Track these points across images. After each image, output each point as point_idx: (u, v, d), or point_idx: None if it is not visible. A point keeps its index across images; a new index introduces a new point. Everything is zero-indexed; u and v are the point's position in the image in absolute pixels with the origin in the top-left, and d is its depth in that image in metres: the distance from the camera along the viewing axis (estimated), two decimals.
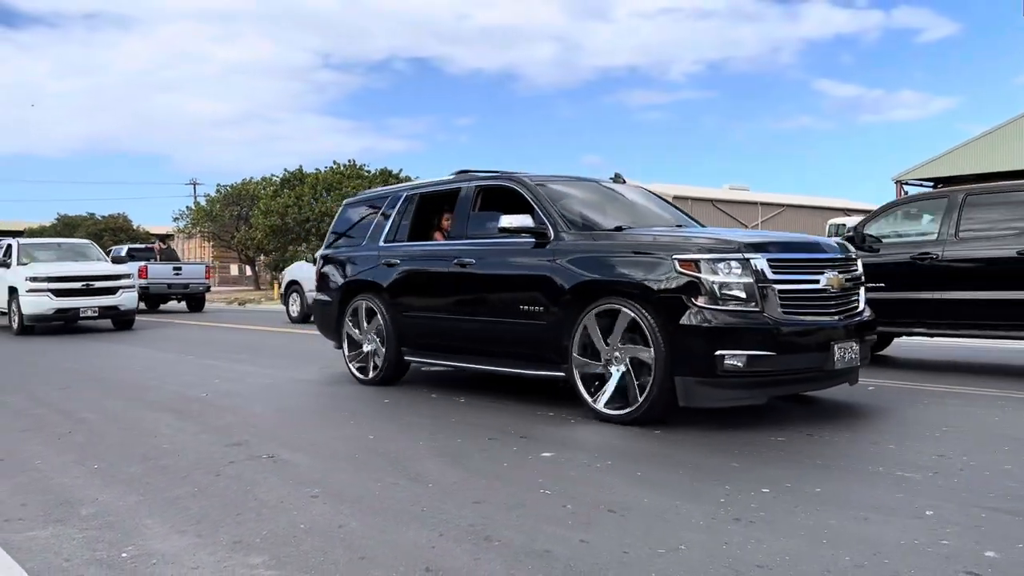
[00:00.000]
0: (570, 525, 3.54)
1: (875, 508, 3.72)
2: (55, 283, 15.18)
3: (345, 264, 8.07)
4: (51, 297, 15.08)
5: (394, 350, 7.38)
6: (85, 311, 15.32)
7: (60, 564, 3.19)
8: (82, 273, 15.63)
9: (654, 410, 5.42)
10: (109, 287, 15.71)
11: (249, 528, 3.57)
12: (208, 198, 43.11)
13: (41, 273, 15.24)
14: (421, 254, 7.30)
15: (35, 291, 15.07)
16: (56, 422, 6.14)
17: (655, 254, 5.46)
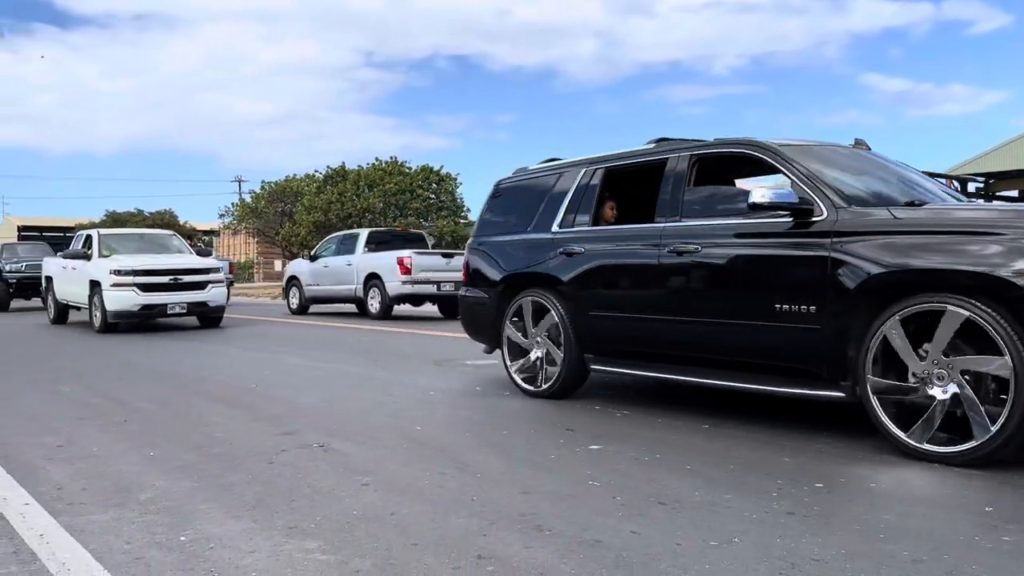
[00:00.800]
0: (620, 516, 3.53)
1: (933, 503, 3.65)
2: (141, 277, 13.85)
3: (505, 254, 6.87)
4: (137, 292, 13.75)
5: (575, 356, 6.18)
6: (173, 307, 14.00)
7: (121, 546, 3.27)
8: (170, 266, 14.26)
9: (1008, 446, 4.07)
10: (198, 281, 14.29)
11: (303, 514, 3.62)
12: (253, 195, 43.73)
13: (126, 266, 13.89)
14: (616, 240, 6.02)
15: (120, 285, 13.73)
16: (111, 411, 6.29)
17: (1006, 233, 4.08)
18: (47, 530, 3.49)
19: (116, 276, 13.78)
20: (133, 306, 13.83)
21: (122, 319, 14.10)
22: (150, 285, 13.93)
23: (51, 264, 17.55)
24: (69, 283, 15.73)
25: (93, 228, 16.57)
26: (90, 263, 14.75)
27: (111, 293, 13.77)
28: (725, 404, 6.12)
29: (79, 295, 15.10)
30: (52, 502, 3.89)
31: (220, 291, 14.66)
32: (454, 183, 38.45)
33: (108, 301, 13.80)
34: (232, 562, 3.08)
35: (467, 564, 3.02)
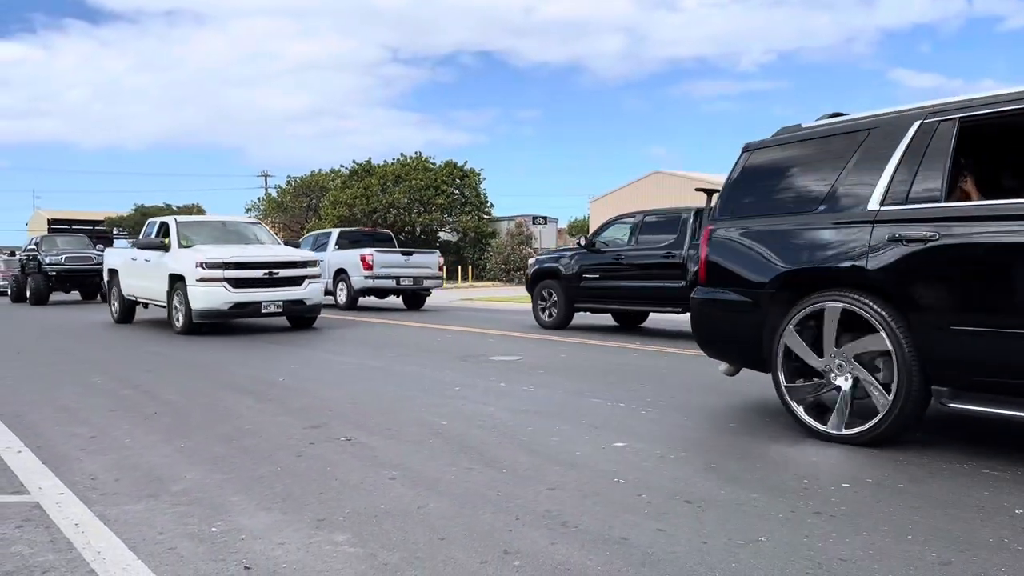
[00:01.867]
0: (646, 514, 3.54)
1: (961, 504, 3.63)
2: (232, 271, 11.94)
3: (781, 243, 5.17)
4: (228, 288, 11.83)
5: (918, 387, 4.47)
6: (267, 306, 12.07)
7: (154, 537, 3.33)
8: (263, 258, 12.37)
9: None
10: (294, 276, 12.45)
11: (331, 507, 3.67)
12: (279, 189, 44.08)
13: (215, 257, 11.96)
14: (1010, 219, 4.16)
15: (208, 280, 11.80)
16: (142, 403, 6.39)
17: None
18: (82, 520, 3.56)
19: (203, 269, 11.82)
20: (223, 304, 11.84)
21: (209, 319, 12.05)
22: (242, 280, 12.02)
23: (116, 255, 15.65)
24: (141, 277, 13.84)
25: (167, 216, 14.20)
26: (169, 255, 12.83)
27: (197, 289, 11.83)
28: (748, 407, 6.10)
29: (154, 291, 13.22)
30: (86, 492, 3.97)
31: (317, 288, 12.80)
32: (478, 179, 38.51)
33: (194, 298, 11.86)
34: (263, 553, 3.13)
35: (494, 559, 3.05)
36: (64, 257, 22.20)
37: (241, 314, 12.26)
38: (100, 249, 23.26)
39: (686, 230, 11.08)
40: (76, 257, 22.42)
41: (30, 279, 22.40)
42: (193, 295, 11.87)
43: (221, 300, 11.85)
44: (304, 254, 13.07)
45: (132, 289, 14.35)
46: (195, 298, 11.87)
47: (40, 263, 22.12)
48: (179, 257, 12.47)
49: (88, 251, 23.33)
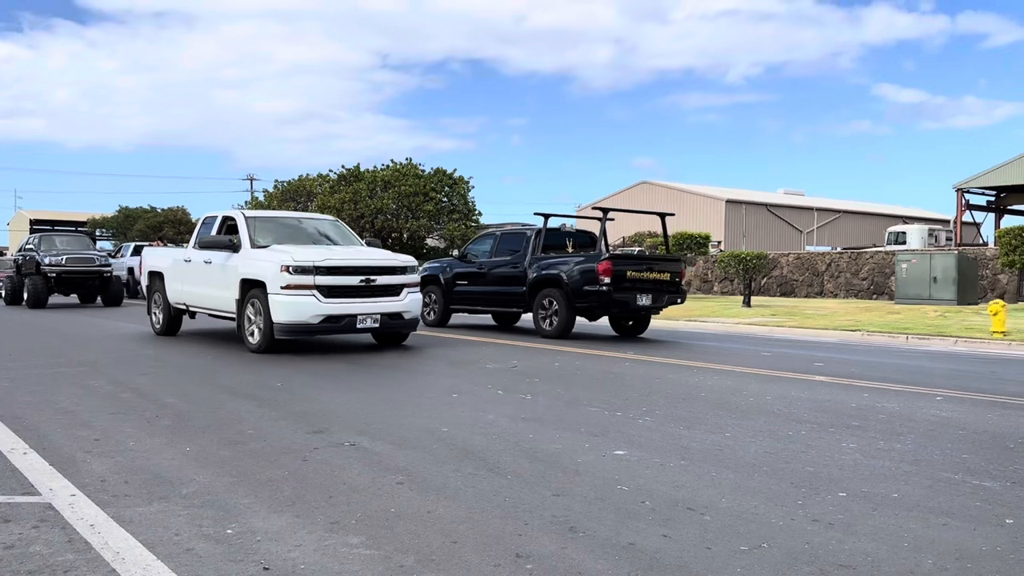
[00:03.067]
0: (651, 520, 3.64)
1: (955, 515, 3.75)
2: (325, 276, 9.91)
3: None
4: (319, 298, 9.80)
5: None
6: (363, 320, 10.09)
7: (171, 538, 3.40)
8: (362, 263, 10.41)
9: None
10: (393, 284, 10.49)
11: (343, 510, 3.74)
12: (266, 193, 43.96)
13: (305, 261, 9.88)
14: None
15: (296, 288, 9.73)
16: (143, 406, 6.42)
17: None
18: (97, 521, 3.61)
19: (290, 275, 9.75)
20: (312, 317, 9.80)
21: (294, 335, 10.01)
22: (335, 288, 9.99)
23: (159, 256, 13.48)
24: (197, 282, 11.66)
25: (233, 211, 11.93)
26: (239, 256, 10.69)
27: (282, 299, 9.75)
28: (746, 415, 6.22)
29: (217, 299, 11.14)
30: (97, 493, 4.02)
31: (417, 298, 10.88)
32: (467, 186, 38.59)
33: (277, 310, 9.78)
34: (280, 555, 3.20)
35: (506, 562, 3.13)
36: (65, 258, 20.95)
37: (332, 329, 10.13)
38: (101, 250, 22.48)
39: (528, 246, 13.27)
40: (77, 258, 21.17)
41: (28, 281, 20.90)
42: (276, 306, 9.78)
43: (310, 312, 9.78)
44: (404, 259, 11.00)
45: (183, 296, 12.12)
46: (278, 309, 9.77)
47: (39, 263, 20.84)
48: (255, 259, 10.35)
49: (90, 252, 22.19)
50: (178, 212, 57.53)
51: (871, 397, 7.01)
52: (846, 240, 47.92)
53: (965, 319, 16.23)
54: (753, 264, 22.36)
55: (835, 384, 7.80)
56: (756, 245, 41.30)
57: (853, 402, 6.74)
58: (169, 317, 12.58)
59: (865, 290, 24.73)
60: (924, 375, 8.62)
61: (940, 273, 20.59)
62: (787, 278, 26.82)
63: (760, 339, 13.44)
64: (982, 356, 10.94)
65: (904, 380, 8.07)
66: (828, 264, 26.02)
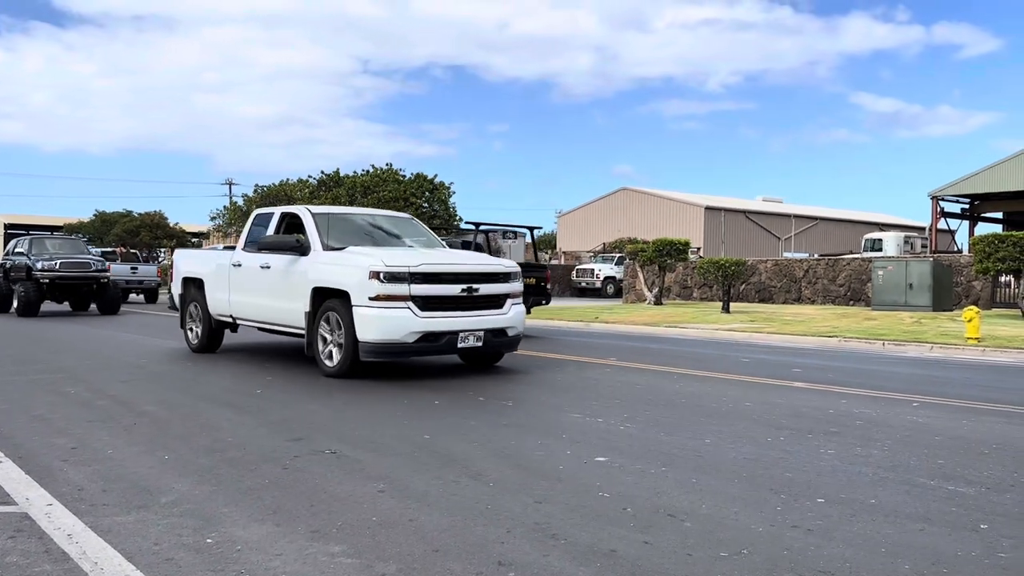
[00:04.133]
0: (632, 527, 3.66)
1: (931, 520, 3.80)
2: (421, 284, 8.26)
3: None
4: (415, 311, 8.15)
5: None
6: (465, 337, 8.44)
7: (150, 548, 3.37)
8: (464, 268, 8.73)
9: None
10: (497, 294, 8.79)
11: (324, 519, 3.73)
12: (245, 198, 43.70)
13: (399, 266, 8.22)
14: None
15: (387, 300, 8.10)
16: (120, 413, 6.36)
17: None
18: (74, 530, 3.58)
19: (381, 283, 8.12)
20: (407, 335, 8.13)
21: (384, 356, 8.32)
22: (434, 299, 8.33)
23: (198, 260, 11.62)
24: (252, 291, 9.91)
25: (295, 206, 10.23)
26: (308, 260, 9.04)
27: (370, 312, 8.11)
28: (725, 421, 6.26)
29: (280, 312, 9.40)
30: (75, 503, 3.98)
31: (521, 311, 9.14)
32: (447, 192, 38.59)
33: (365, 325, 8.13)
34: (261, 564, 3.18)
35: (489, 570, 3.14)
36: (59, 262, 19.45)
37: (429, 349, 8.43)
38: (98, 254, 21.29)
39: None
40: (72, 263, 19.71)
41: (19, 287, 19.31)
42: (363, 321, 8.14)
43: (406, 329, 8.11)
44: (507, 264, 9.22)
45: (230, 307, 10.41)
46: (367, 325, 8.13)
47: (30, 269, 19.34)
48: (333, 264, 8.71)
49: (85, 256, 20.74)
50: (155, 217, 57.04)
51: (848, 403, 7.08)
52: (823, 247, 48.39)
53: (940, 325, 16.43)
54: (732, 270, 22.51)
55: (813, 390, 7.87)
56: (735, 252, 41.59)
57: (831, 408, 6.80)
58: (209, 331, 10.91)
59: (842, 296, 24.96)
60: (900, 381, 8.72)
61: (916, 280, 20.82)
62: (765, 284, 27.02)
63: (739, 345, 13.53)
64: (957, 362, 11.08)
65: (881, 386, 8.16)
66: (806, 271, 26.25)
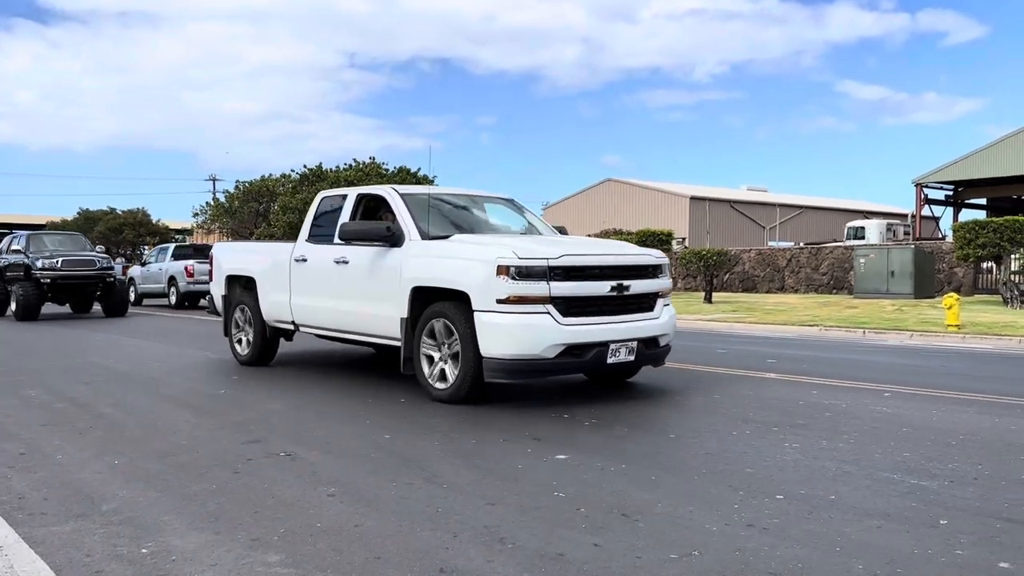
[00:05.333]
0: (584, 529, 3.56)
1: (890, 516, 3.72)
2: (563, 282, 6.40)
3: None
4: (556, 316, 6.30)
5: None
6: (616, 350, 6.58)
7: (81, 559, 3.25)
8: (611, 260, 6.83)
9: None
10: (647, 293, 6.96)
11: (266, 526, 3.61)
12: (227, 194, 43.39)
13: (534, 257, 6.38)
14: None
15: (520, 302, 6.26)
16: (77, 416, 6.22)
17: None
18: (6, 541, 3.45)
19: (511, 281, 6.26)
20: (548, 348, 6.25)
21: (517, 376, 6.40)
22: (579, 301, 6.47)
23: (247, 254, 9.83)
24: (324, 292, 8.09)
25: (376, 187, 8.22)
26: (402, 252, 7.16)
27: (498, 319, 6.26)
28: (691, 415, 6.18)
29: (364, 318, 7.56)
30: (13, 512, 3.86)
31: (673, 313, 7.35)
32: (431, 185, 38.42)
33: (493, 336, 6.28)
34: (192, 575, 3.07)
35: None
36: (61, 261, 17.84)
37: (572, 366, 6.54)
38: (101, 251, 19.93)
39: None
40: (75, 260, 18.09)
41: (17, 288, 17.60)
42: (490, 330, 6.27)
43: (545, 340, 6.22)
44: (655, 254, 7.30)
45: (291, 312, 8.55)
46: (495, 336, 6.26)
47: (29, 268, 17.78)
48: (439, 257, 6.83)
49: (89, 253, 18.98)
50: (139, 214, 56.63)
51: (820, 394, 7.01)
52: (808, 235, 48.46)
53: (921, 312, 16.42)
54: (714, 261, 22.46)
55: (785, 381, 7.80)
56: (719, 241, 41.58)
57: (801, 400, 6.73)
58: (263, 340, 9.06)
59: (825, 285, 24.96)
60: (876, 371, 8.66)
61: (897, 267, 20.82)
62: (749, 274, 27.00)
63: (718, 335, 13.47)
64: (935, 350, 11.05)
65: (855, 376, 8.10)
66: (789, 259, 26.23)
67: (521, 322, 6.24)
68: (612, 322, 6.63)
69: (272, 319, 8.95)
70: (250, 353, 9.22)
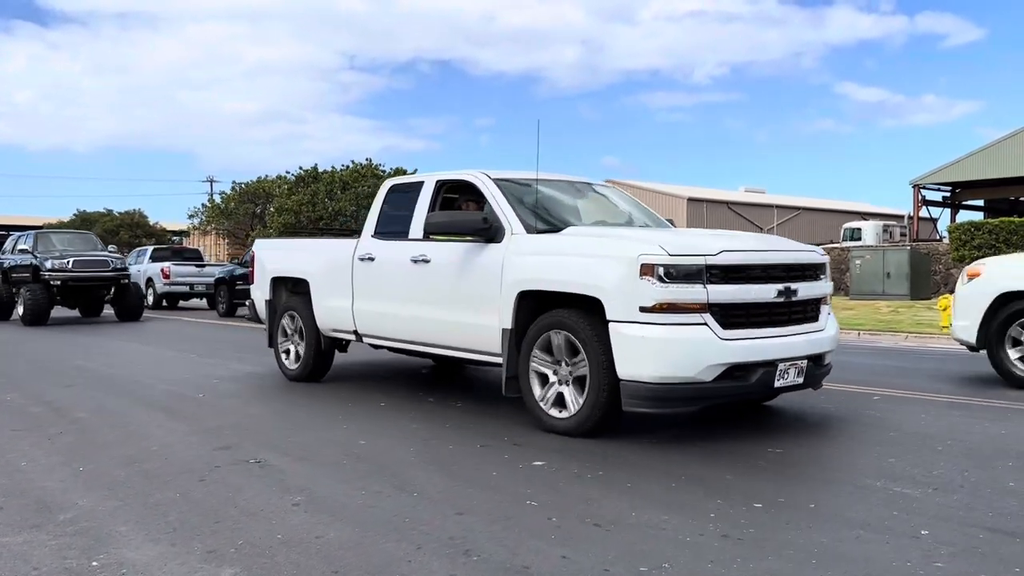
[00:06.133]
0: (553, 540, 3.45)
1: (869, 526, 3.60)
2: (721, 284, 5.17)
3: None
4: (715, 329, 5.07)
5: None
6: (785, 371, 5.39)
7: (28, 572, 3.14)
8: (778, 257, 5.64)
9: None
10: (813, 298, 5.78)
11: (225, 538, 3.50)
12: (223, 195, 43.30)
13: (689, 253, 5.17)
14: None
15: (670, 311, 5.03)
16: (50, 421, 6.11)
17: None
18: None
19: (659, 283, 5.07)
20: (706, 369, 5.07)
21: (670, 403, 5.22)
22: (740, 308, 5.30)
23: (297, 252, 8.48)
24: (402, 298, 6.79)
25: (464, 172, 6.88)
26: (502, 247, 5.98)
27: (643, 332, 5.07)
28: (674, 418, 6.06)
29: (454, 328, 6.32)
30: None
31: (835, 323, 6.11)
32: None
33: (634, 353, 5.11)
34: None
35: None
36: (71, 261, 16.73)
37: (734, 391, 5.34)
38: (114, 250, 18.99)
39: None
40: (86, 261, 16.98)
41: (24, 290, 16.35)
42: (633, 345, 5.08)
43: (704, 358, 5.05)
44: (816, 250, 6.11)
45: (352, 320, 7.33)
46: (639, 353, 5.08)
47: (37, 269, 16.59)
48: (555, 254, 5.66)
49: (101, 253, 17.92)
50: (135, 216, 56.52)
51: (805, 397, 6.88)
52: (805, 237, 48.23)
53: (916, 314, 16.32)
54: None
55: None
56: None
57: (787, 403, 6.61)
58: (317, 352, 7.83)
59: None
60: (867, 373, 8.55)
61: (893, 268, 20.72)
62: None
63: None
64: (928, 352, 10.94)
65: (845, 379, 7.97)
66: None
67: (673, 336, 5.00)
68: (779, 335, 5.39)
69: (329, 328, 7.67)
70: (300, 367, 7.99)
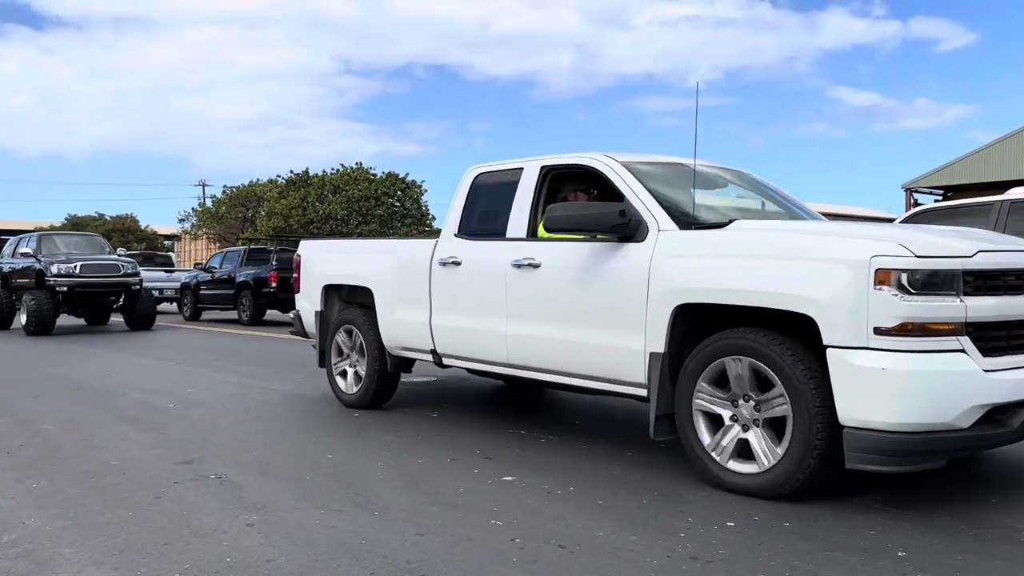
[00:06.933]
0: (515, 563, 3.30)
1: (844, 547, 3.46)
2: (983, 297, 3.76)
3: None
4: (976, 359, 3.67)
5: None
6: None
7: None
8: None
9: None
10: None
11: (172, 560, 3.34)
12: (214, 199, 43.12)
13: (945, 253, 3.76)
14: None
15: (919, 334, 3.59)
16: (12, 434, 5.94)
17: None
18: None
19: (903, 295, 3.61)
20: (967, 409, 3.64)
21: (907, 460, 3.73)
22: (1005, 327, 3.84)
23: (356, 255, 7.09)
24: (502, 312, 5.40)
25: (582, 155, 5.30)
26: (645, 247, 4.60)
27: (879, 362, 3.61)
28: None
29: (576, 351, 4.95)
30: None
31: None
32: (419, 190, 38.17)
33: (865, 391, 3.66)
34: None
35: None
36: (79, 265, 15.40)
37: (994, 440, 3.90)
38: (123, 253, 17.81)
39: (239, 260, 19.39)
40: (96, 265, 15.67)
41: (27, 297, 15.13)
42: (866, 379, 3.68)
43: (966, 398, 3.67)
44: None
45: (430, 337, 6.02)
46: (875, 390, 3.67)
47: (42, 274, 15.37)
48: (738, 253, 4.27)
49: (110, 257, 16.57)
50: (127, 220, 56.29)
51: None
52: None
53: None
54: None
55: None
56: None
57: None
58: (382, 374, 6.56)
59: None
60: None
61: None
62: None
63: None
64: None
65: None
66: None
67: (925, 367, 3.65)
68: None
69: (397, 345, 6.37)
70: (361, 390, 6.69)
